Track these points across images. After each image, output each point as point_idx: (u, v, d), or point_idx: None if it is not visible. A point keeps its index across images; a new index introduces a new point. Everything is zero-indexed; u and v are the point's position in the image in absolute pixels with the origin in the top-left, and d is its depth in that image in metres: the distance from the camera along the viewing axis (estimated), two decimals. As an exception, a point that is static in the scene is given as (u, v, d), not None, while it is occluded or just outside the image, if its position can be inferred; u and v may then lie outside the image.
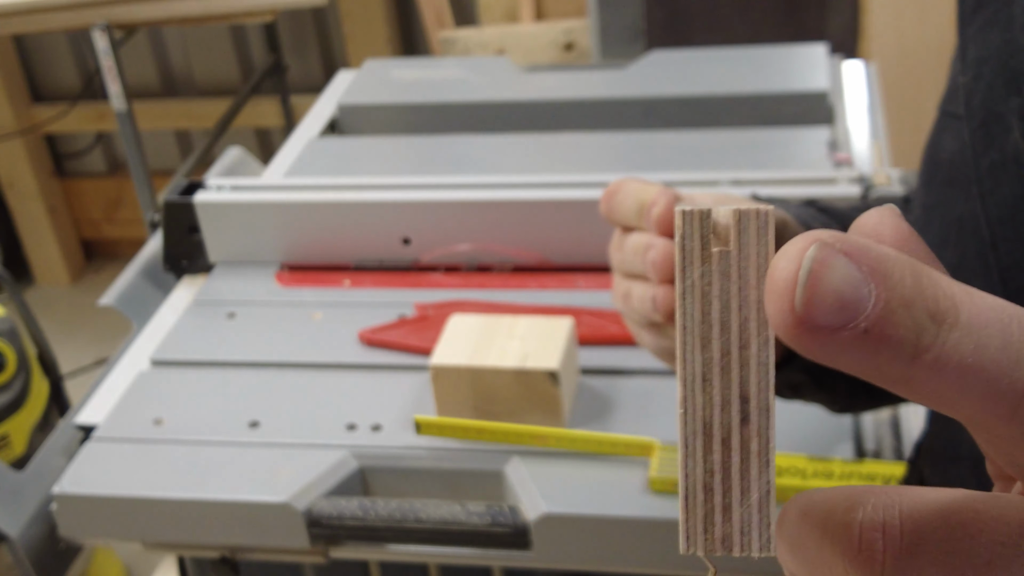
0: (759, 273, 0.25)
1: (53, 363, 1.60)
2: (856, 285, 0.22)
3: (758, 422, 0.25)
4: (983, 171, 0.46)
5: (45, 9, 1.82)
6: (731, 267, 0.25)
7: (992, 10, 0.47)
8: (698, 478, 0.26)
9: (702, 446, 0.26)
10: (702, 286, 0.25)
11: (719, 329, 0.25)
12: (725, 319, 0.25)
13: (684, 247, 0.25)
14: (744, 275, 0.25)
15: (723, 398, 0.25)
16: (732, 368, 0.25)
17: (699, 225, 0.25)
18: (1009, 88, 0.45)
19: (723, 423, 0.26)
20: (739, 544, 0.26)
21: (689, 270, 0.25)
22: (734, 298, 0.25)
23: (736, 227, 0.25)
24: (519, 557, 0.80)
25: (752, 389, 0.25)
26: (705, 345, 0.25)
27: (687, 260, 0.25)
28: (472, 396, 0.85)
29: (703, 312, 0.25)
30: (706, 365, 0.25)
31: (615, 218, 0.59)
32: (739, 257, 0.25)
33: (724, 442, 0.26)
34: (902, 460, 0.81)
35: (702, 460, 0.26)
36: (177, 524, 0.84)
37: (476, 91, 1.34)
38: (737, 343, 0.25)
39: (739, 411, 0.25)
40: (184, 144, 2.89)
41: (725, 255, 0.25)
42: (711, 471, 0.26)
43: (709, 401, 0.26)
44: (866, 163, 1.11)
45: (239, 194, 1.08)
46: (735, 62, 1.32)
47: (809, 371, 0.60)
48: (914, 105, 2.01)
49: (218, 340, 0.99)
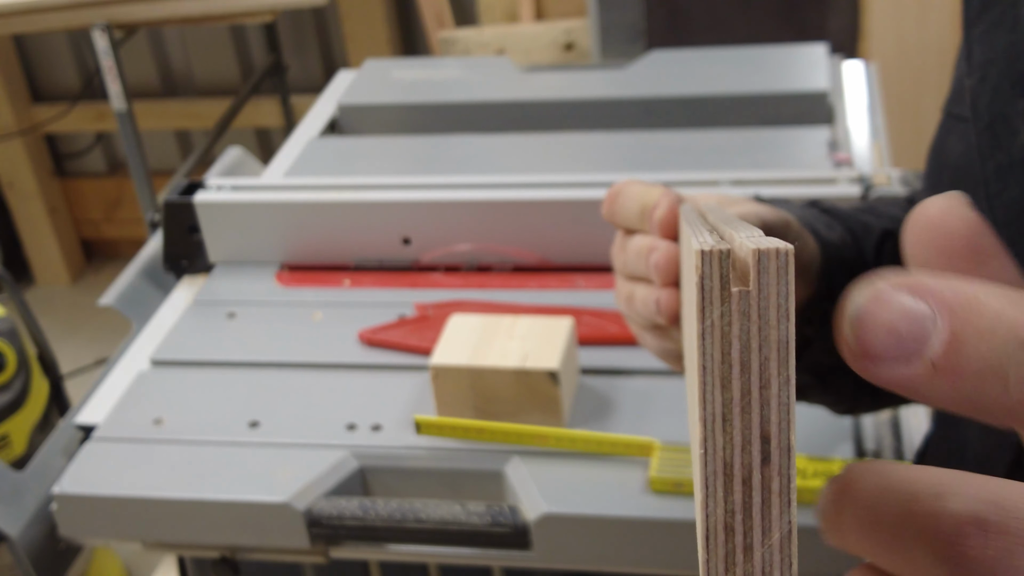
0: (779, 312, 0.25)
1: (53, 363, 1.60)
2: (914, 319, 0.22)
3: (779, 462, 0.25)
4: (989, 173, 0.46)
5: (45, 9, 1.82)
6: (751, 307, 0.25)
7: (998, 12, 0.47)
8: (719, 518, 0.25)
9: (722, 486, 0.25)
10: (722, 326, 0.25)
11: (739, 369, 0.25)
12: (745, 359, 0.25)
13: (703, 287, 0.25)
14: (764, 315, 0.25)
15: (744, 438, 0.25)
16: (753, 408, 0.25)
17: (719, 265, 0.24)
18: (1015, 90, 0.45)
19: (744, 463, 0.25)
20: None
21: (709, 310, 0.25)
22: (754, 338, 0.25)
23: (756, 266, 0.24)
24: (519, 557, 0.80)
25: (773, 429, 0.25)
26: (725, 386, 0.25)
27: (707, 300, 0.25)
28: (472, 396, 0.85)
29: (723, 352, 0.25)
30: (726, 406, 0.25)
31: (617, 220, 0.59)
32: (759, 297, 0.24)
33: (745, 482, 0.25)
34: (902, 460, 0.81)
35: (723, 500, 0.25)
36: (177, 524, 0.84)
37: (476, 91, 1.34)
38: (758, 383, 0.25)
39: (760, 451, 0.25)
40: (184, 144, 2.90)
41: (745, 295, 0.25)
42: (732, 511, 0.25)
43: (730, 441, 0.25)
44: (866, 163, 1.11)
45: (239, 194, 1.08)
46: (735, 62, 1.32)
47: (815, 373, 0.60)
48: (914, 105, 2.01)
49: (218, 340, 0.99)
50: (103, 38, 1.82)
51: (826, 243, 0.58)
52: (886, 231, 0.62)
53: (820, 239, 0.58)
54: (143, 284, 1.09)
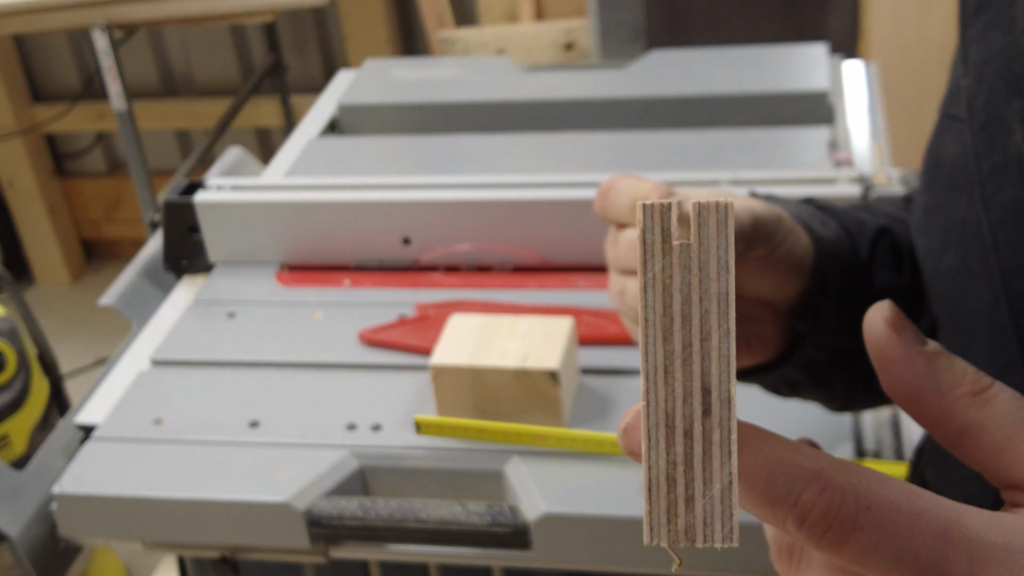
0: (719, 265, 0.25)
1: (53, 363, 1.60)
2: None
3: (720, 413, 0.26)
4: (984, 174, 0.46)
5: (45, 9, 1.82)
6: (692, 260, 0.25)
7: (994, 12, 0.47)
8: (661, 470, 0.26)
9: (665, 438, 0.26)
10: (663, 279, 0.25)
11: (680, 322, 0.25)
12: (686, 312, 0.25)
13: (645, 240, 0.25)
14: (705, 268, 0.25)
15: (685, 390, 0.26)
16: (694, 360, 0.26)
17: (660, 218, 0.25)
18: (1011, 91, 0.45)
19: (685, 415, 0.26)
20: (702, 535, 0.26)
21: (651, 263, 0.25)
22: (695, 291, 0.25)
23: (696, 219, 0.25)
24: (519, 557, 0.80)
25: (714, 381, 0.25)
26: (667, 338, 0.25)
27: (648, 253, 0.25)
28: (472, 396, 0.85)
29: (665, 305, 0.25)
30: (668, 357, 0.26)
31: (609, 215, 0.59)
32: (700, 250, 0.25)
33: (686, 434, 0.26)
34: (902, 460, 0.81)
35: (665, 452, 0.26)
36: (177, 524, 0.84)
37: (476, 91, 1.34)
38: (699, 335, 0.25)
39: (701, 403, 0.26)
40: (184, 144, 2.90)
41: (686, 248, 0.25)
42: (674, 462, 0.26)
43: (671, 393, 0.26)
44: (866, 163, 1.11)
45: (239, 194, 1.08)
46: (735, 62, 1.32)
47: (807, 369, 0.60)
48: (914, 105, 2.01)
49: (218, 340, 0.99)
50: (103, 38, 1.82)
51: (820, 239, 0.58)
52: (881, 228, 0.62)
53: (814, 235, 0.58)
54: (143, 284, 1.09)
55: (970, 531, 0.29)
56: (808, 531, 0.28)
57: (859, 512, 0.28)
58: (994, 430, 0.33)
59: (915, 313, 0.61)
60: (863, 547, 0.28)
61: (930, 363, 0.33)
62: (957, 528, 0.29)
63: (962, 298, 0.50)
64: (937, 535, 0.29)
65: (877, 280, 0.61)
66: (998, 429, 0.33)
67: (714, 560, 0.77)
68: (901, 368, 0.34)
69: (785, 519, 0.28)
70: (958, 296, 0.51)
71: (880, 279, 0.61)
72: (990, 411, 0.33)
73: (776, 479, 0.28)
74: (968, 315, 0.50)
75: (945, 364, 0.33)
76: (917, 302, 0.61)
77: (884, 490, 0.29)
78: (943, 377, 0.33)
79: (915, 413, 0.34)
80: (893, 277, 0.61)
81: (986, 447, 0.33)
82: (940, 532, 0.29)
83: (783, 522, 0.29)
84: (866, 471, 0.30)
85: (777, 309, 0.58)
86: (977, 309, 0.48)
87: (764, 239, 0.54)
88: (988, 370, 0.34)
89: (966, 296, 0.50)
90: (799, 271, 0.57)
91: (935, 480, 0.58)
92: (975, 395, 0.33)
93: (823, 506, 0.28)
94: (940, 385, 0.33)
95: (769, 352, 0.59)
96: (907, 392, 0.34)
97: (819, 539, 0.29)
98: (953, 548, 0.29)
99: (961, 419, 0.33)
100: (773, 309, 0.58)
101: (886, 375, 0.34)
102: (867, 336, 0.34)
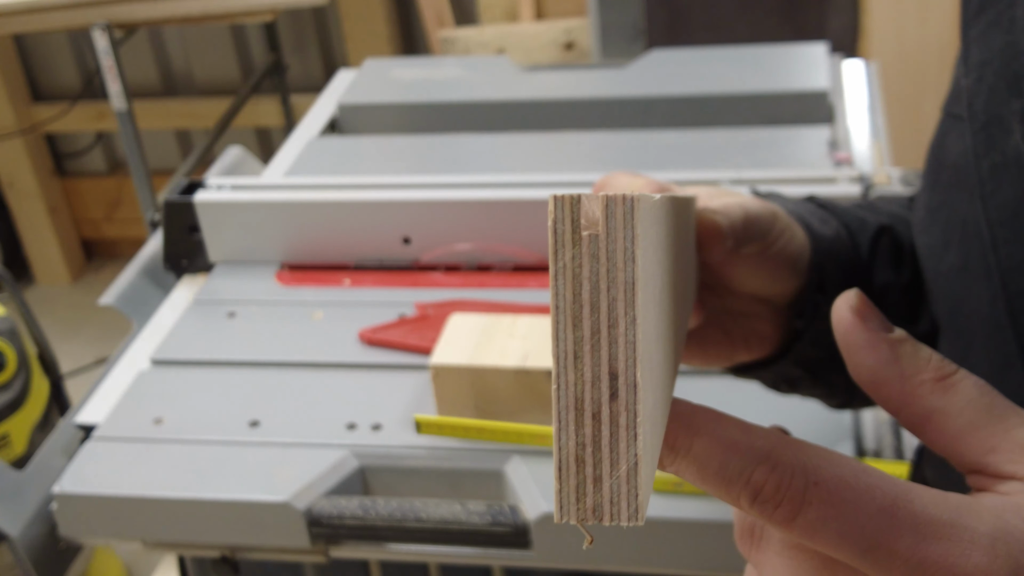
0: (626, 255, 0.26)
1: (53, 363, 1.60)
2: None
3: (626, 398, 0.27)
4: (984, 173, 0.46)
5: (45, 9, 1.82)
6: (600, 250, 0.26)
7: (995, 12, 0.47)
8: (570, 450, 0.27)
9: (574, 420, 0.27)
10: (573, 268, 0.26)
11: (589, 309, 0.27)
12: (595, 300, 0.26)
13: (556, 231, 0.26)
14: (612, 258, 0.26)
15: (594, 375, 0.27)
16: (602, 346, 0.27)
17: (570, 210, 0.26)
18: (1011, 91, 0.45)
19: (593, 399, 0.27)
20: (609, 513, 0.27)
21: (561, 253, 0.26)
22: (603, 279, 0.26)
23: (604, 212, 0.26)
24: (519, 557, 0.80)
25: (621, 366, 0.27)
26: (576, 324, 0.27)
27: (559, 243, 0.26)
28: (472, 395, 0.85)
29: (574, 293, 0.26)
30: (577, 343, 0.27)
31: None
32: (607, 240, 0.26)
33: (595, 417, 0.27)
34: (902, 459, 0.81)
35: (574, 434, 0.27)
36: (177, 524, 0.84)
37: (476, 91, 1.34)
38: (607, 322, 0.27)
39: (608, 387, 0.27)
40: (184, 144, 2.90)
41: (594, 238, 0.26)
42: (583, 444, 0.27)
43: (580, 378, 0.27)
44: (866, 162, 1.11)
45: (239, 193, 1.08)
46: (735, 62, 1.32)
47: (806, 366, 0.60)
48: (914, 105, 2.01)
49: (218, 340, 0.99)
50: (103, 38, 1.82)
51: (818, 236, 0.58)
52: (882, 226, 0.62)
53: (812, 232, 0.58)
54: (143, 283, 1.09)
55: (916, 507, 0.30)
56: (760, 507, 0.30)
57: (808, 488, 0.30)
58: (956, 415, 0.34)
59: (915, 312, 0.61)
60: (811, 521, 0.30)
61: (894, 349, 0.35)
62: (904, 504, 0.30)
63: (963, 297, 0.50)
64: (883, 510, 0.30)
65: (877, 278, 0.61)
66: (960, 415, 0.34)
67: (714, 560, 0.77)
68: (865, 353, 0.35)
69: (739, 497, 0.30)
70: (959, 295, 0.51)
71: (880, 277, 0.61)
72: (953, 397, 0.34)
73: (730, 459, 0.30)
74: (968, 314, 0.50)
75: (909, 351, 0.35)
76: (917, 301, 0.61)
77: (832, 467, 0.30)
78: (907, 363, 0.34)
79: (879, 398, 0.35)
80: (893, 275, 0.61)
81: (948, 432, 0.34)
82: (886, 507, 0.30)
83: (737, 499, 0.30)
84: (817, 449, 0.31)
85: (775, 306, 0.58)
86: (977, 308, 0.48)
87: (757, 236, 0.54)
88: (987, 369, 0.34)
89: (967, 295, 0.50)
90: (795, 268, 0.57)
91: (935, 478, 0.58)
92: (938, 381, 0.34)
93: (774, 483, 0.30)
94: (904, 371, 0.34)
95: (767, 349, 0.59)
96: (871, 377, 0.35)
97: (771, 515, 0.30)
98: (898, 523, 0.30)
99: (924, 404, 0.34)
100: (770, 306, 0.58)
101: (851, 360, 0.35)
102: (834, 323, 0.36)
